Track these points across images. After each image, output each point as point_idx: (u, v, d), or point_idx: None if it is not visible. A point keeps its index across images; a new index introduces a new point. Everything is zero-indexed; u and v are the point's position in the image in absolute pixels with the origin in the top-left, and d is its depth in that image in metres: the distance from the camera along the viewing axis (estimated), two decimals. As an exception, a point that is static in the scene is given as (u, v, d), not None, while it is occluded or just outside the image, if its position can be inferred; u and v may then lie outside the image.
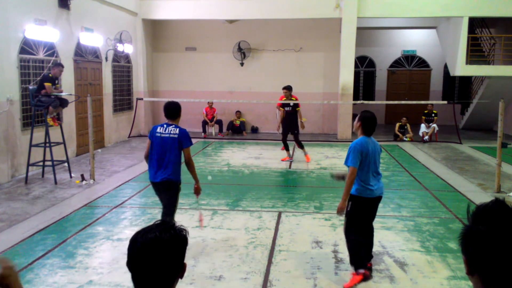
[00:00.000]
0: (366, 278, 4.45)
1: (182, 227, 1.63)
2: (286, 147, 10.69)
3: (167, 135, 4.96)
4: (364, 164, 4.36)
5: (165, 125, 5.04)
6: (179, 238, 1.58)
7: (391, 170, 9.84)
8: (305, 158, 10.71)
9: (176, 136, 4.96)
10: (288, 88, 10.27)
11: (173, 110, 5.11)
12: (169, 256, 1.55)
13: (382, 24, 16.68)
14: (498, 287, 1.19)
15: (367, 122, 4.52)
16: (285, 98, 10.36)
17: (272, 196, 7.65)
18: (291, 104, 10.28)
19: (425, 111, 14.41)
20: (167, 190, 5.04)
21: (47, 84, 8.28)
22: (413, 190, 8.13)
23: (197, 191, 5.29)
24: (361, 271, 4.44)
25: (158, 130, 5.02)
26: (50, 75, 8.51)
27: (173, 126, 5.04)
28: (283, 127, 10.52)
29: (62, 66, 8.87)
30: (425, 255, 5.14)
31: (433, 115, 14.21)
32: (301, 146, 10.65)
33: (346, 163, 4.40)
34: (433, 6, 13.50)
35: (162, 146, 4.95)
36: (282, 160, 10.70)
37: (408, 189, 8.22)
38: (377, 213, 6.58)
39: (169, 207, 5.09)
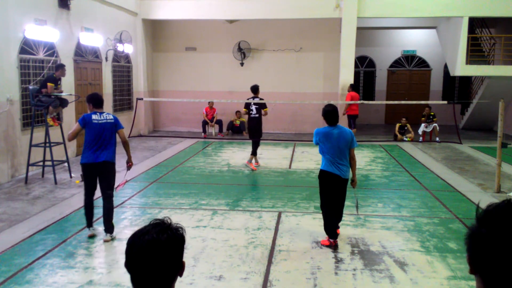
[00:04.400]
0: (330, 246, 5.39)
1: (178, 225, 1.63)
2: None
3: (104, 121, 5.57)
4: (328, 147, 5.27)
5: (98, 113, 5.61)
6: (177, 238, 1.57)
7: (391, 170, 9.84)
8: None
9: (112, 120, 5.64)
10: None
11: (101, 100, 5.74)
12: (168, 257, 1.54)
13: (382, 24, 16.67)
14: None
15: (325, 115, 5.38)
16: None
17: (272, 196, 7.64)
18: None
19: (423, 113, 14.35)
20: (109, 169, 5.62)
21: (49, 84, 8.32)
22: (413, 190, 8.13)
23: (129, 167, 6.00)
24: (331, 240, 5.39)
25: (93, 117, 5.55)
26: (55, 75, 8.55)
27: (106, 113, 5.68)
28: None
29: (64, 65, 8.90)
30: (425, 255, 5.14)
31: (431, 117, 14.17)
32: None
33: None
34: (433, 6, 13.50)
35: (101, 131, 5.53)
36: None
37: (408, 189, 8.22)
38: (377, 213, 6.63)
39: (110, 182, 5.68)
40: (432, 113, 14.24)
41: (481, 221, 1.24)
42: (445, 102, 14.45)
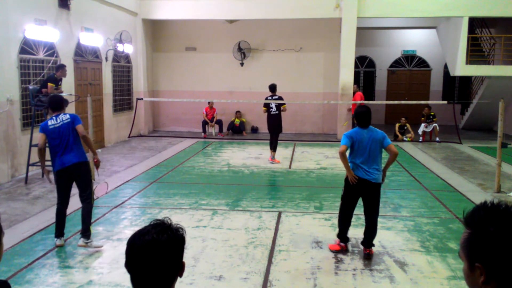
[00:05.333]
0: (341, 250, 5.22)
1: (179, 226, 1.62)
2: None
3: (60, 123, 5.24)
4: (356, 149, 4.94)
5: (54, 117, 5.30)
6: (176, 238, 1.57)
7: (391, 170, 9.80)
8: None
9: (69, 119, 5.27)
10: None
11: (58, 103, 5.41)
12: (167, 257, 1.54)
13: (382, 24, 16.67)
14: None
15: (357, 116, 5.05)
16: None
17: (272, 196, 7.64)
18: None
19: (422, 113, 14.34)
20: (81, 170, 5.30)
21: (50, 84, 8.34)
22: (413, 190, 8.13)
23: (96, 163, 5.53)
24: (341, 244, 5.22)
25: (50, 123, 5.25)
26: (56, 75, 8.55)
27: (63, 114, 5.34)
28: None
29: (65, 66, 8.90)
30: (425, 255, 5.14)
31: (431, 117, 14.18)
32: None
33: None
34: (433, 6, 13.51)
35: (60, 134, 5.21)
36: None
37: (408, 189, 8.22)
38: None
39: (88, 188, 5.33)
40: (432, 113, 14.25)
41: (480, 223, 1.21)
42: (445, 102, 14.44)
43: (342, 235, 5.22)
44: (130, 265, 1.55)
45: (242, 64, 15.88)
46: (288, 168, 10.08)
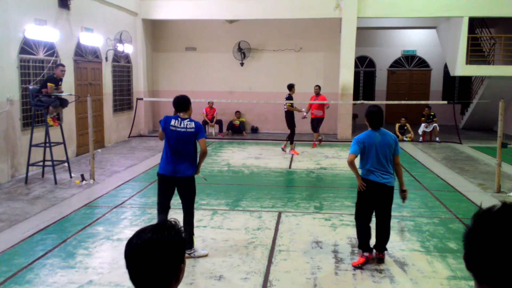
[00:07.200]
0: (367, 262, 4.88)
1: (183, 228, 1.60)
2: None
3: (183, 130, 4.95)
4: (368, 153, 4.77)
5: (179, 119, 5.01)
6: (174, 240, 1.53)
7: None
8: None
9: (193, 130, 4.97)
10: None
11: (182, 103, 5.08)
12: (160, 258, 1.50)
13: (382, 24, 16.67)
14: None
15: (368, 116, 4.82)
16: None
17: (272, 196, 7.64)
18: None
19: (423, 113, 14.34)
20: (188, 186, 5.05)
21: (49, 84, 8.32)
22: (413, 190, 8.11)
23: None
24: (365, 254, 4.87)
25: (172, 123, 4.98)
26: (55, 75, 8.55)
27: (188, 120, 5.03)
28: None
29: (63, 66, 8.89)
30: (425, 255, 5.14)
31: (431, 117, 14.18)
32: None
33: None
34: (433, 6, 13.51)
35: (179, 140, 4.94)
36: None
37: (408, 189, 8.19)
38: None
39: (192, 203, 5.10)
40: (432, 113, 14.24)
41: (474, 223, 1.23)
42: (445, 102, 14.42)
43: (363, 244, 4.90)
44: (126, 262, 1.55)
45: (242, 64, 15.88)
46: (288, 168, 10.08)
